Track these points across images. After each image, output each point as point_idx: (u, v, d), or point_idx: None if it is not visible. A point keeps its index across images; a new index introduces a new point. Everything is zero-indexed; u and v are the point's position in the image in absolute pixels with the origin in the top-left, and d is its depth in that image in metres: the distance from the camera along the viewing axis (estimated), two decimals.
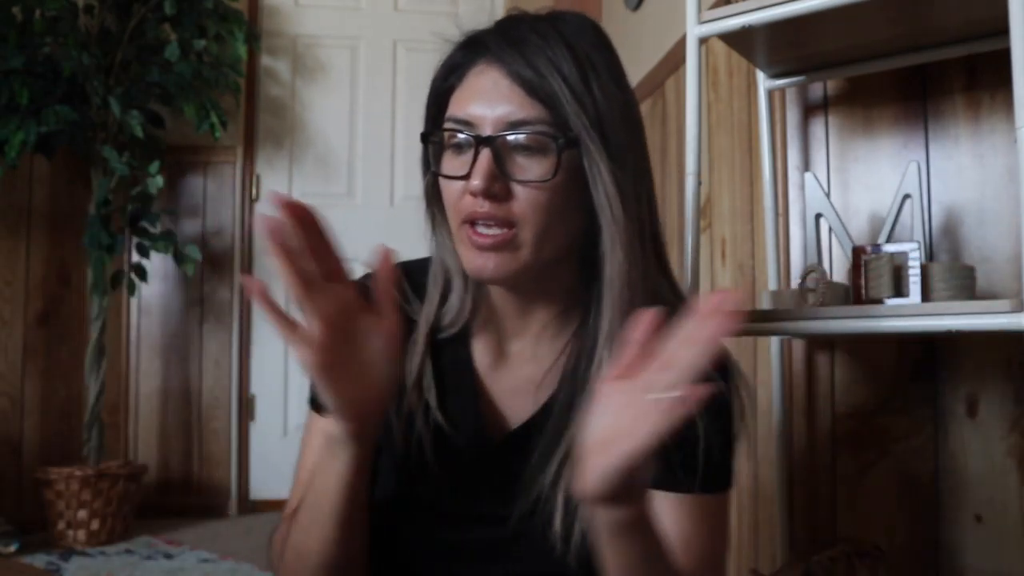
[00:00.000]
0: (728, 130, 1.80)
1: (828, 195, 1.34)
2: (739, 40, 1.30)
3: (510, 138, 0.70)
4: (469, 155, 0.71)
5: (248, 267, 3.21)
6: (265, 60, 3.31)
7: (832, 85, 1.49)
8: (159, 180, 2.72)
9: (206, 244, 3.14)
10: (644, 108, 2.36)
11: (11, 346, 2.74)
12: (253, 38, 3.02)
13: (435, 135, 0.75)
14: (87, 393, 2.72)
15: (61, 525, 2.55)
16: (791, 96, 1.55)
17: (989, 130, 1.27)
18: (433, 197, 0.79)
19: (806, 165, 1.52)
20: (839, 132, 1.47)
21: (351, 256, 0.67)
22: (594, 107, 0.71)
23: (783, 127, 1.55)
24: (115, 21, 2.76)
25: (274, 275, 0.57)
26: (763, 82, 1.50)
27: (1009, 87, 0.93)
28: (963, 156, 1.30)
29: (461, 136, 0.72)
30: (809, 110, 1.53)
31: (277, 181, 3.29)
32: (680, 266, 2.04)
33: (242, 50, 2.89)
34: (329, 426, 0.68)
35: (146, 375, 3.14)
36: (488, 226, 0.71)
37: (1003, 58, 0.96)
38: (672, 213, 2.13)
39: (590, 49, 0.73)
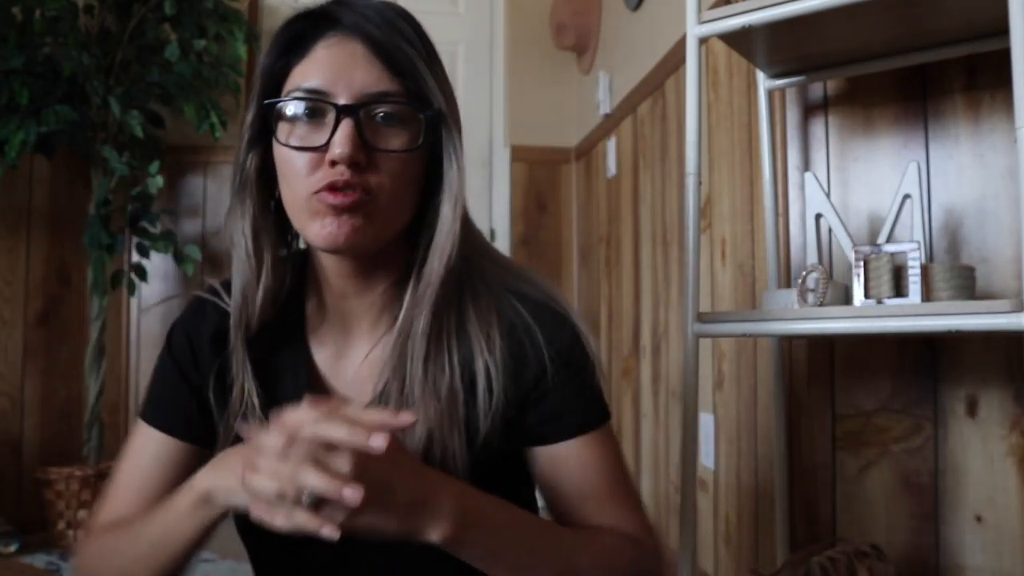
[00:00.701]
0: (728, 130, 1.80)
1: (828, 195, 1.34)
2: (739, 40, 1.30)
3: (373, 109, 0.71)
4: (323, 125, 0.70)
5: None
6: None
7: (832, 85, 1.49)
8: (159, 180, 2.72)
9: (206, 244, 3.14)
10: (644, 108, 2.36)
11: (11, 346, 2.74)
12: (253, 38, 3.02)
13: (285, 104, 0.72)
14: (87, 393, 2.72)
15: (61, 525, 2.54)
16: (791, 96, 1.55)
17: (989, 130, 1.27)
18: (253, 181, 0.76)
19: (806, 165, 1.52)
20: (839, 132, 1.47)
21: None
22: (443, 84, 0.75)
23: (783, 127, 1.55)
24: (115, 21, 2.76)
25: None
26: (763, 82, 1.50)
27: (1009, 87, 0.93)
28: (963, 156, 1.30)
29: (314, 106, 0.70)
30: (809, 110, 1.53)
31: None
32: (680, 266, 2.05)
33: (242, 50, 2.89)
34: (210, 484, 0.68)
35: (146, 375, 3.12)
36: (345, 193, 0.70)
37: (1003, 58, 0.96)
38: (672, 213, 2.13)
39: (423, 31, 0.76)
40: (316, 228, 0.71)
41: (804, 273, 1.21)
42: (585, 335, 0.80)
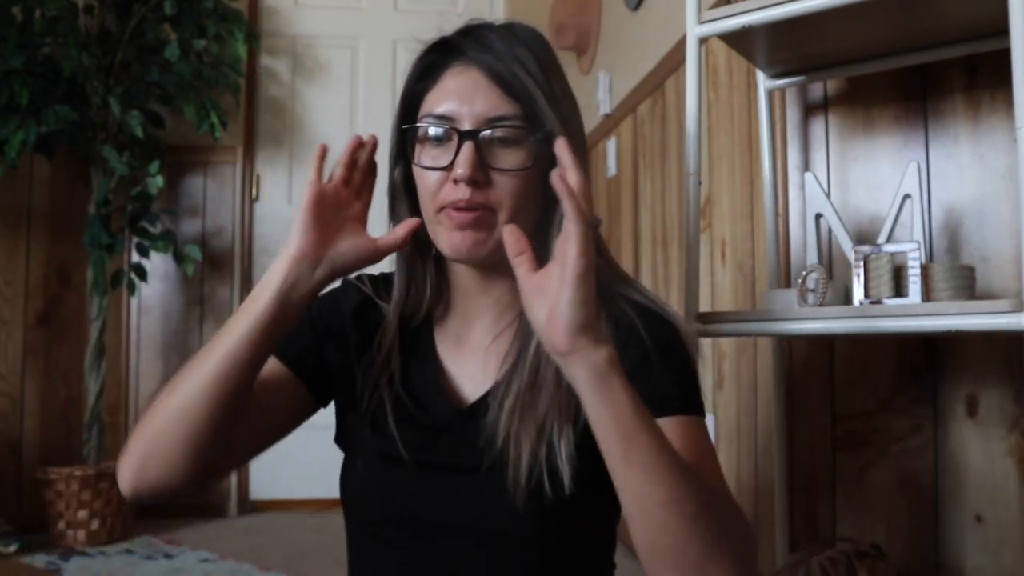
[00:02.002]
0: (728, 130, 1.80)
1: (828, 195, 1.34)
2: (739, 40, 1.30)
3: (490, 132, 0.80)
4: (449, 147, 0.80)
5: (248, 267, 3.20)
6: (265, 60, 3.31)
7: (832, 85, 1.49)
8: (159, 180, 2.72)
9: (206, 244, 3.14)
10: (644, 108, 2.36)
11: (11, 346, 2.74)
12: (253, 38, 3.03)
13: (417, 128, 0.83)
14: (87, 393, 2.72)
15: (61, 525, 2.55)
16: (791, 96, 1.55)
17: (989, 130, 1.27)
18: (401, 191, 0.89)
19: (806, 165, 1.52)
20: (839, 132, 1.48)
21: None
22: (557, 104, 0.82)
23: (783, 127, 1.55)
24: (115, 21, 2.76)
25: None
26: (763, 82, 1.50)
27: (1009, 87, 0.93)
28: (963, 156, 1.30)
29: (441, 130, 0.81)
30: (809, 110, 1.53)
31: (277, 181, 3.29)
32: (680, 266, 2.05)
33: (242, 50, 2.89)
34: (274, 274, 0.76)
35: (146, 375, 3.14)
36: (467, 210, 0.79)
37: (1003, 58, 0.96)
38: (672, 213, 2.13)
39: (544, 53, 0.84)
40: (444, 238, 0.81)
41: (804, 273, 1.21)
42: (687, 337, 0.85)
